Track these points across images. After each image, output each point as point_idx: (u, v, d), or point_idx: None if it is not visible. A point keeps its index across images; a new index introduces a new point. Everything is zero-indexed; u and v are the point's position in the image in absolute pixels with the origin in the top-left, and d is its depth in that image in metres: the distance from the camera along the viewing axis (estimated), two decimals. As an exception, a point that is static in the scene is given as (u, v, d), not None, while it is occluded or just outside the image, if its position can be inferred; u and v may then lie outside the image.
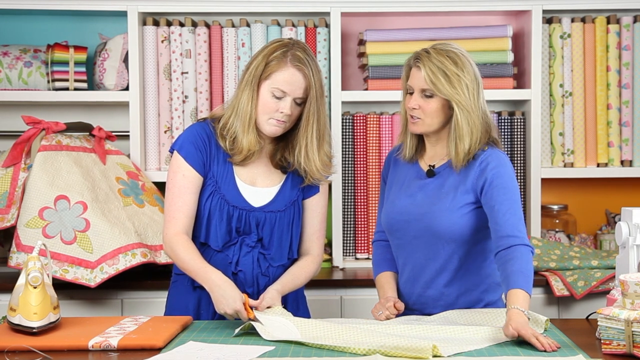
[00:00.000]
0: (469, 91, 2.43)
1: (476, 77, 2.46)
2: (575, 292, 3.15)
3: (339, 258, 3.51)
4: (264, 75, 2.49)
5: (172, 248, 2.50)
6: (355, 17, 3.66)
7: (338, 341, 2.16)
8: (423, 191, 2.50)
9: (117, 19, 3.58)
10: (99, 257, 3.08)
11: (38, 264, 2.24)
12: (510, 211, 2.38)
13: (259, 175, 2.58)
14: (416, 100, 2.46)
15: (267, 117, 2.50)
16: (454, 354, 2.07)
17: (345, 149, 3.53)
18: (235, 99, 2.54)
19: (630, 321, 2.01)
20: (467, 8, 3.49)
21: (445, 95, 2.42)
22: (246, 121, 2.50)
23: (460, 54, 2.46)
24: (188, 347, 2.17)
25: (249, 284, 2.55)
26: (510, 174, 2.44)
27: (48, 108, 3.63)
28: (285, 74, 2.48)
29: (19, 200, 3.14)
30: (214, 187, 2.54)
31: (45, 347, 2.14)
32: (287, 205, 2.59)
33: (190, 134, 2.56)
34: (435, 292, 2.49)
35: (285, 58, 2.48)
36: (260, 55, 2.51)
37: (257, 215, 2.55)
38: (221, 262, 2.53)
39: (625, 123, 3.52)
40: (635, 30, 3.50)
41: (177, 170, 2.54)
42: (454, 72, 2.42)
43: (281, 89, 2.47)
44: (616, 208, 3.68)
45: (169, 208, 2.53)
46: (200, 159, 2.53)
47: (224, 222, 2.53)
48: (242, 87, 2.52)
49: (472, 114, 2.43)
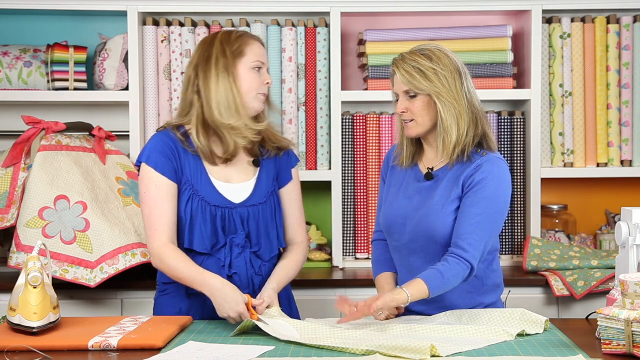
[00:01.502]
0: (449, 82, 2.43)
1: (457, 69, 2.46)
2: (575, 292, 3.15)
3: (339, 258, 3.51)
4: (237, 55, 2.50)
5: (163, 259, 2.48)
6: (355, 17, 3.66)
7: (338, 341, 2.16)
8: (420, 194, 2.50)
9: (117, 19, 3.58)
10: (99, 257, 3.08)
11: (38, 264, 2.24)
12: (475, 224, 2.37)
13: (233, 173, 2.58)
14: (403, 103, 2.48)
15: (255, 93, 2.53)
16: (453, 354, 2.07)
17: (345, 149, 3.53)
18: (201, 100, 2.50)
19: (630, 321, 2.01)
20: (467, 8, 3.49)
21: (424, 90, 2.43)
22: (239, 106, 2.49)
23: (437, 50, 2.47)
24: (188, 347, 2.17)
25: (245, 285, 2.54)
26: (496, 186, 2.40)
27: (48, 108, 3.63)
28: (255, 47, 2.54)
29: (19, 200, 3.14)
30: (192, 190, 2.52)
31: (45, 347, 2.14)
32: (267, 197, 2.60)
33: (155, 144, 2.53)
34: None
35: (243, 36, 2.54)
36: (214, 47, 2.51)
37: (240, 211, 2.54)
38: (214, 266, 2.52)
39: (625, 123, 3.52)
40: (635, 30, 3.50)
41: (148, 182, 2.51)
42: (429, 67, 2.43)
43: (260, 60, 2.52)
44: (616, 208, 3.68)
45: (148, 221, 2.50)
46: (171, 166, 2.51)
47: (208, 223, 2.51)
48: (210, 83, 2.49)
49: (456, 104, 2.43)
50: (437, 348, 2.06)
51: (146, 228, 2.52)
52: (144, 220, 2.53)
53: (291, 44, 3.51)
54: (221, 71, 2.49)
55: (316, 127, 3.54)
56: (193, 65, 2.54)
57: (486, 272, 2.51)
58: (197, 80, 2.51)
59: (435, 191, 2.48)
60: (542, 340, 2.22)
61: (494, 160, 2.45)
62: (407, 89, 2.45)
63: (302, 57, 3.52)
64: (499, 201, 2.41)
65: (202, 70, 2.51)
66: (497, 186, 2.41)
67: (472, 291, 2.50)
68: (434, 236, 2.44)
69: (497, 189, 2.41)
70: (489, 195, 2.40)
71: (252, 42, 2.54)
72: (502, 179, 2.43)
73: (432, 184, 2.50)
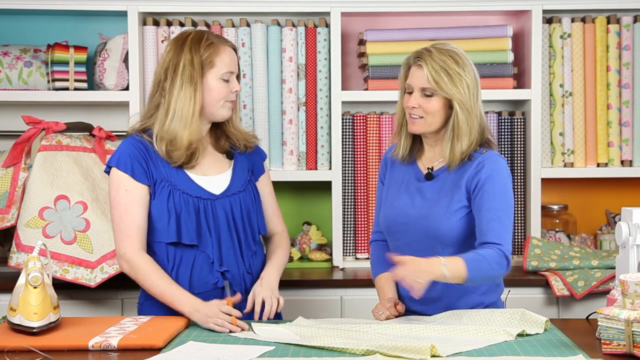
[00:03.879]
0: (470, 91, 2.42)
1: (476, 78, 2.46)
2: (575, 292, 3.15)
3: (339, 258, 3.51)
4: (206, 66, 2.51)
5: (133, 266, 2.49)
6: (355, 17, 3.66)
7: (338, 341, 2.16)
8: (421, 194, 2.50)
9: (117, 19, 3.58)
10: (99, 257, 3.09)
11: (38, 264, 2.24)
12: (497, 220, 2.37)
13: (208, 166, 2.59)
14: (416, 99, 2.45)
15: (222, 101, 2.55)
16: (453, 354, 2.08)
17: (345, 149, 3.53)
18: (164, 105, 2.51)
19: (630, 321, 2.01)
20: (467, 8, 3.49)
21: (447, 94, 2.41)
22: (188, 120, 2.49)
23: (461, 54, 2.46)
24: (188, 347, 2.17)
25: (237, 282, 2.57)
26: (503, 182, 2.42)
27: (48, 108, 3.63)
28: (224, 56, 2.54)
29: (19, 200, 3.14)
30: (170, 186, 2.52)
31: (45, 347, 2.14)
32: (245, 185, 2.63)
33: (125, 148, 2.54)
34: (434, 294, 2.48)
35: (214, 43, 2.53)
36: (184, 53, 2.51)
37: (222, 202, 2.57)
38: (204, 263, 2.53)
39: (625, 123, 3.52)
40: (635, 30, 3.50)
41: (118, 187, 2.51)
42: (455, 71, 2.41)
43: (229, 70, 2.54)
44: (616, 208, 3.68)
45: (118, 226, 2.50)
46: (141, 169, 2.51)
47: (192, 214, 2.52)
48: (174, 89, 2.50)
49: (471, 114, 2.43)
50: (437, 348, 2.06)
51: (115, 233, 2.52)
52: (113, 225, 2.53)
53: (291, 44, 3.51)
54: (185, 81, 2.50)
55: (316, 127, 3.54)
56: (164, 67, 2.54)
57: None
58: (165, 83, 2.53)
59: (436, 191, 2.48)
60: (542, 340, 2.22)
61: (493, 157, 2.45)
62: (428, 86, 2.42)
63: (302, 57, 3.52)
64: (508, 196, 2.43)
65: (170, 76, 2.52)
66: (503, 181, 2.43)
67: (472, 290, 2.49)
68: (437, 236, 2.44)
69: (504, 184, 2.43)
70: (499, 191, 2.40)
71: (222, 51, 2.53)
72: (505, 175, 2.45)
73: (432, 183, 2.50)
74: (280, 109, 3.52)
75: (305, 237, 3.61)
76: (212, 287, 2.54)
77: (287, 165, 3.53)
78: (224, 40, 2.57)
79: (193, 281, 2.53)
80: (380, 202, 2.64)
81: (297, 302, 3.14)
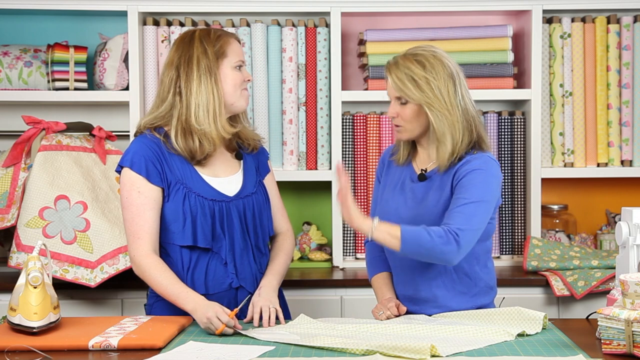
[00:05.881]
0: (442, 92, 2.41)
1: (452, 75, 2.43)
2: (575, 292, 3.15)
3: (339, 258, 3.51)
4: (220, 55, 2.51)
5: (145, 270, 2.47)
6: (355, 17, 3.66)
7: (338, 341, 2.16)
8: (414, 194, 2.50)
9: (117, 19, 3.58)
10: (99, 257, 3.09)
11: (38, 264, 2.25)
12: (462, 207, 2.34)
13: (219, 168, 2.59)
14: (393, 108, 2.48)
15: (239, 90, 2.55)
16: (453, 354, 2.08)
17: (345, 149, 3.53)
18: (183, 102, 2.49)
19: (630, 321, 2.01)
20: (467, 8, 3.49)
21: (416, 100, 2.42)
22: (216, 111, 2.49)
23: (430, 56, 2.44)
24: (188, 347, 2.17)
25: (250, 283, 2.57)
26: (484, 178, 2.39)
27: (48, 108, 3.63)
28: (234, 46, 2.56)
29: (19, 200, 3.14)
30: (185, 189, 2.50)
31: (45, 347, 2.14)
32: (256, 186, 2.63)
33: (138, 149, 2.50)
34: (427, 295, 2.49)
35: (222, 35, 2.55)
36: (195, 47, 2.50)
37: (236, 204, 2.56)
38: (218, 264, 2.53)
39: (625, 123, 3.52)
40: (635, 30, 3.50)
41: (130, 188, 2.48)
42: (421, 76, 2.41)
43: (241, 59, 2.55)
44: (616, 208, 3.68)
45: (130, 228, 2.48)
46: (155, 171, 2.49)
47: (208, 217, 2.51)
48: (192, 84, 2.48)
49: (449, 114, 2.41)
50: (437, 348, 2.06)
51: (128, 234, 2.50)
52: (125, 226, 2.50)
53: (291, 44, 3.51)
54: (203, 73, 2.49)
55: (316, 127, 3.54)
56: (174, 65, 2.52)
57: (478, 272, 2.50)
58: (179, 81, 2.50)
59: (428, 192, 2.48)
60: (542, 340, 2.22)
61: (484, 157, 2.44)
62: (398, 94, 2.45)
63: (302, 57, 3.52)
64: (485, 191, 2.38)
65: (184, 72, 2.50)
66: (485, 178, 2.39)
67: (464, 291, 2.49)
68: None
69: (485, 181, 2.39)
70: (476, 184, 2.37)
71: (231, 41, 2.55)
72: (489, 173, 2.41)
73: (424, 184, 2.50)
74: (280, 109, 3.52)
75: (305, 237, 3.61)
76: (226, 288, 2.54)
77: (287, 165, 3.53)
78: (229, 33, 2.59)
79: (208, 282, 2.53)
80: (375, 201, 2.64)
81: (297, 302, 3.13)
